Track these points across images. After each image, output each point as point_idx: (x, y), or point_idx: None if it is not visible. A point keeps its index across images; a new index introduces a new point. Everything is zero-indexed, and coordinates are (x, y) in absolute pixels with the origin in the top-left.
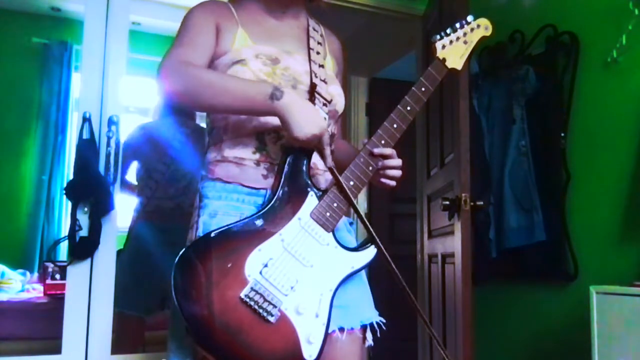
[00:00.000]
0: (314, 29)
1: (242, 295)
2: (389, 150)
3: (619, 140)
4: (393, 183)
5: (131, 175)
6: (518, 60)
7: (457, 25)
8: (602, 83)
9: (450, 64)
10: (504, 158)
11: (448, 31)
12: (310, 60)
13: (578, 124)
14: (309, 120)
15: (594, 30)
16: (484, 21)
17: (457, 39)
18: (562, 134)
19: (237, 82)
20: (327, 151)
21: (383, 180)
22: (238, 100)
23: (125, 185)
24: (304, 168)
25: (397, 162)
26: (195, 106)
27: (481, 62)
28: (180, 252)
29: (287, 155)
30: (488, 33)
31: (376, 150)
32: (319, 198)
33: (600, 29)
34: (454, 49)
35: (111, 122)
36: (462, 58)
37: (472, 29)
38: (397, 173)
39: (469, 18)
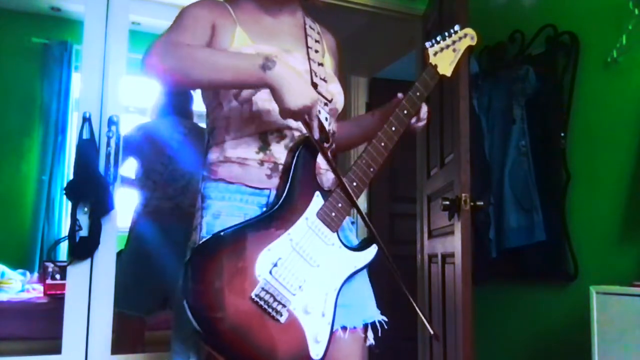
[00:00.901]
0: (311, 27)
1: (252, 295)
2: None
3: (619, 140)
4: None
5: (127, 169)
6: (518, 60)
7: (446, 33)
8: (602, 83)
9: (440, 70)
10: (504, 158)
11: (438, 39)
12: (309, 59)
13: (578, 124)
14: (300, 91)
15: (594, 30)
16: (470, 31)
17: (447, 46)
18: (562, 134)
19: (229, 55)
20: (315, 123)
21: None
22: (230, 73)
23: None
24: (310, 168)
25: (424, 115)
26: (187, 83)
27: (481, 62)
28: (191, 252)
29: (293, 155)
30: (474, 42)
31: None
32: (325, 198)
33: (600, 29)
34: (444, 56)
35: (111, 122)
36: (451, 65)
37: (460, 38)
38: (423, 124)
39: (456, 27)
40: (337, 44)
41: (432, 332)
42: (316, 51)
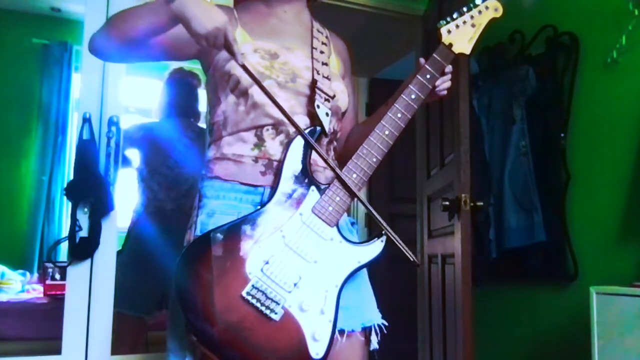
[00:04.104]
0: (318, 31)
1: (243, 293)
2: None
3: (619, 140)
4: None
5: (129, 153)
6: (518, 61)
7: (464, 9)
8: (602, 83)
9: (457, 48)
10: (504, 158)
11: (454, 15)
12: (312, 57)
13: (578, 124)
14: (206, 15)
15: (594, 31)
16: (493, 3)
17: (464, 22)
18: (562, 134)
19: (142, 5)
20: (236, 48)
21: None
22: (147, 18)
23: (125, 160)
24: (304, 163)
25: (446, 84)
26: (123, 41)
27: (481, 62)
28: (182, 252)
29: (287, 151)
30: (498, 14)
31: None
32: (321, 192)
33: (600, 29)
34: (461, 33)
35: (111, 122)
36: (470, 42)
37: (480, 12)
38: (447, 85)
39: (477, 0)
40: (347, 49)
41: (412, 259)
42: (321, 52)
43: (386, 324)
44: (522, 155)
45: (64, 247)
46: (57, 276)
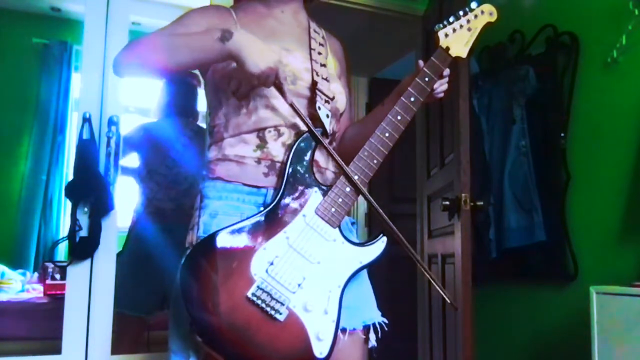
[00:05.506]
0: (315, 31)
1: (248, 294)
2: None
3: (619, 140)
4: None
5: (128, 161)
6: (518, 61)
7: (461, 12)
8: (602, 83)
9: (454, 52)
10: (504, 158)
11: (451, 19)
12: (311, 59)
13: (578, 124)
14: (261, 55)
15: (594, 30)
16: (488, 7)
17: (461, 26)
18: (562, 134)
19: (188, 35)
20: (285, 87)
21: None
22: (193, 52)
23: (124, 170)
24: (307, 164)
25: (444, 87)
26: (157, 70)
27: (481, 63)
28: (186, 253)
29: (290, 152)
30: (493, 19)
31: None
32: (324, 194)
33: (600, 29)
34: (458, 37)
35: (111, 122)
36: (466, 46)
37: (475, 16)
38: (445, 88)
39: (473, 5)
40: (343, 49)
41: (450, 301)
42: (319, 53)
43: (386, 321)
44: (522, 155)
45: (62, 246)
46: (57, 276)
